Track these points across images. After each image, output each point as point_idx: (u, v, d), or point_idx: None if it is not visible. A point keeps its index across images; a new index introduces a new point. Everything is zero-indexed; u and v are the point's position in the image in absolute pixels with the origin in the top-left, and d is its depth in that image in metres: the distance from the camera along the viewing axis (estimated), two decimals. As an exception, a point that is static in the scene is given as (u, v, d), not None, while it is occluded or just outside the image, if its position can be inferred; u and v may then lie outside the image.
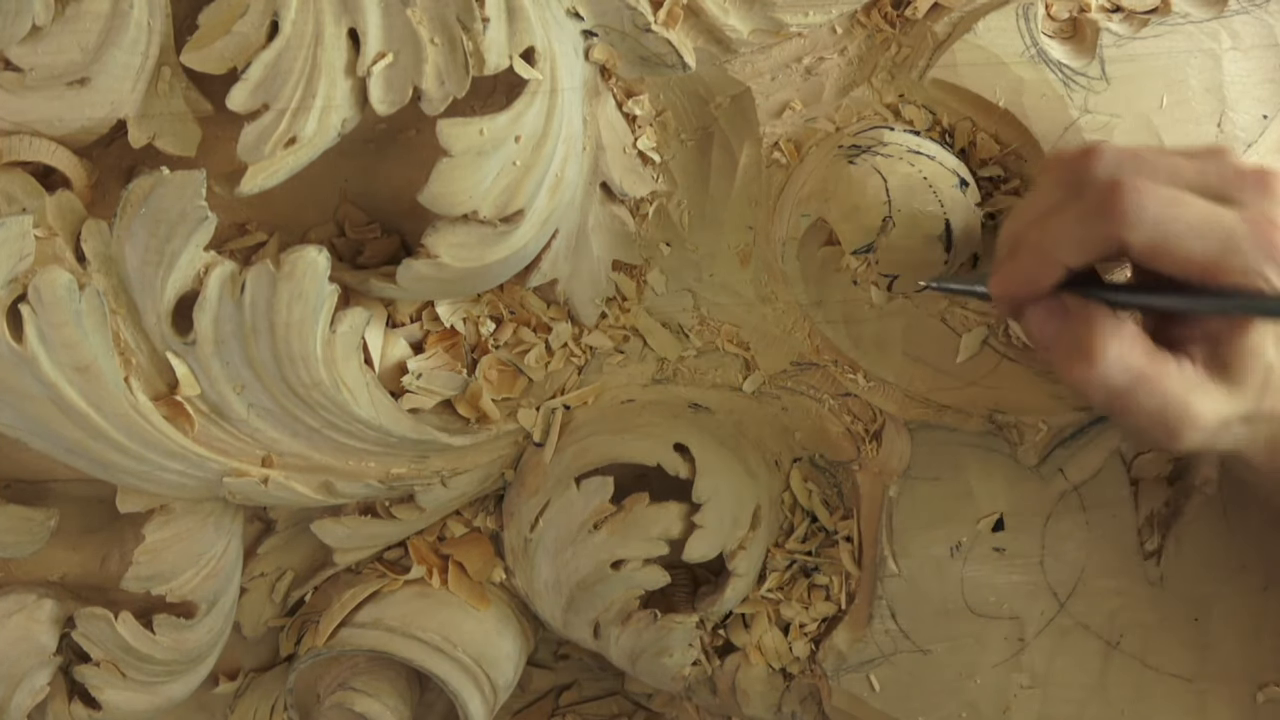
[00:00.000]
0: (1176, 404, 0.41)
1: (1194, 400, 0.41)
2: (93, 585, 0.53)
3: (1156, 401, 0.41)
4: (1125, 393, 0.40)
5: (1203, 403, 0.41)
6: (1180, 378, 0.41)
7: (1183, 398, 0.41)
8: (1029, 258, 0.42)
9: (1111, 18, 0.47)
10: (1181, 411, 0.41)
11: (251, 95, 0.41)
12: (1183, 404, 0.41)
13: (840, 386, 0.54)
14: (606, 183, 0.49)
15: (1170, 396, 0.41)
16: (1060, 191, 0.42)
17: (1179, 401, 0.41)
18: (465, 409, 0.52)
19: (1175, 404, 0.41)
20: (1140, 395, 0.41)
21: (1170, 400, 0.41)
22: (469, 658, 0.55)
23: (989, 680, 0.56)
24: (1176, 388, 0.41)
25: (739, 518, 0.53)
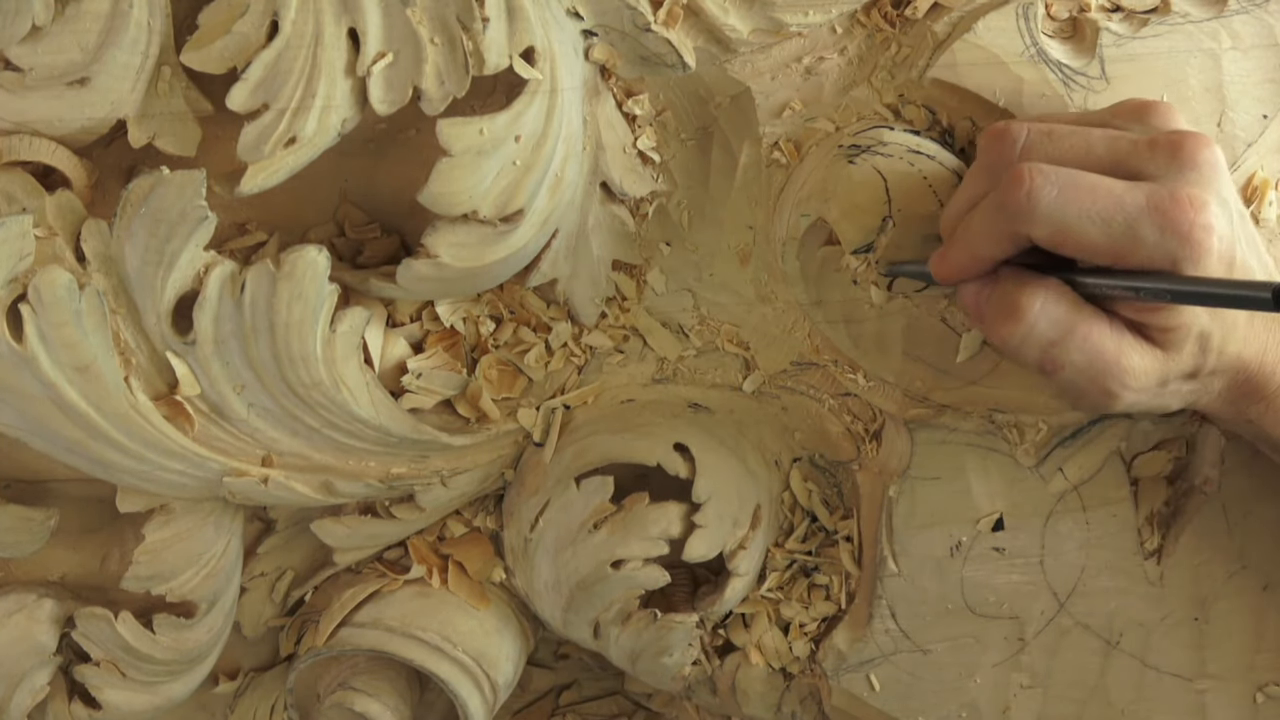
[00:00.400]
0: (1109, 358, 0.40)
1: (1125, 356, 0.40)
2: (93, 585, 0.53)
3: (1087, 356, 0.40)
4: (1054, 345, 0.40)
5: (1134, 359, 0.40)
6: (1111, 334, 0.40)
7: (1114, 352, 0.40)
8: (958, 250, 0.42)
9: (1111, 17, 0.47)
10: (1114, 366, 0.40)
11: (251, 95, 0.41)
12: (1114, 358, 0.40)
13: (840, 386, 0.54)
14: (606, 182, 0.49)
15: (1102, 350, 0.40)
16: (983, 177, 0.42)
17: (1110, 356, 0.40)
18: (465, 409, 0.52)
19: (1107, 358, 0.40)
20: (1070, 349, 0.40)
21: (1102, 354, 0.40)
22: (469, 657, 0.55)
23: (989, 680, 0.56)
24: (1108, 343, 0.40)
25: (739, 517, 0.53)
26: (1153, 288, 0.38)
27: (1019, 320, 0.40)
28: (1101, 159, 0.40)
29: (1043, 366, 0.41)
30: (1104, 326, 0.40)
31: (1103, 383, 0.41)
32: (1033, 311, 0.40)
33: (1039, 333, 0.40)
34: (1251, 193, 0.50)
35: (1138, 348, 0.41)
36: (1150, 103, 0.42)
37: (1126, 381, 0.41)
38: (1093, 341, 0.40)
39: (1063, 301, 0.40)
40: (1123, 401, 0.41)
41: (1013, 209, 0.39)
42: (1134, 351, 0.41)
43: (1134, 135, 0.41)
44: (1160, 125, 0.41)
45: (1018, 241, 0.40)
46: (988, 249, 0.41)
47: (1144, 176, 0.39)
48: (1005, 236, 0.40)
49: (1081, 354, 0.40)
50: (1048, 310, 0.40)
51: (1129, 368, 0.40)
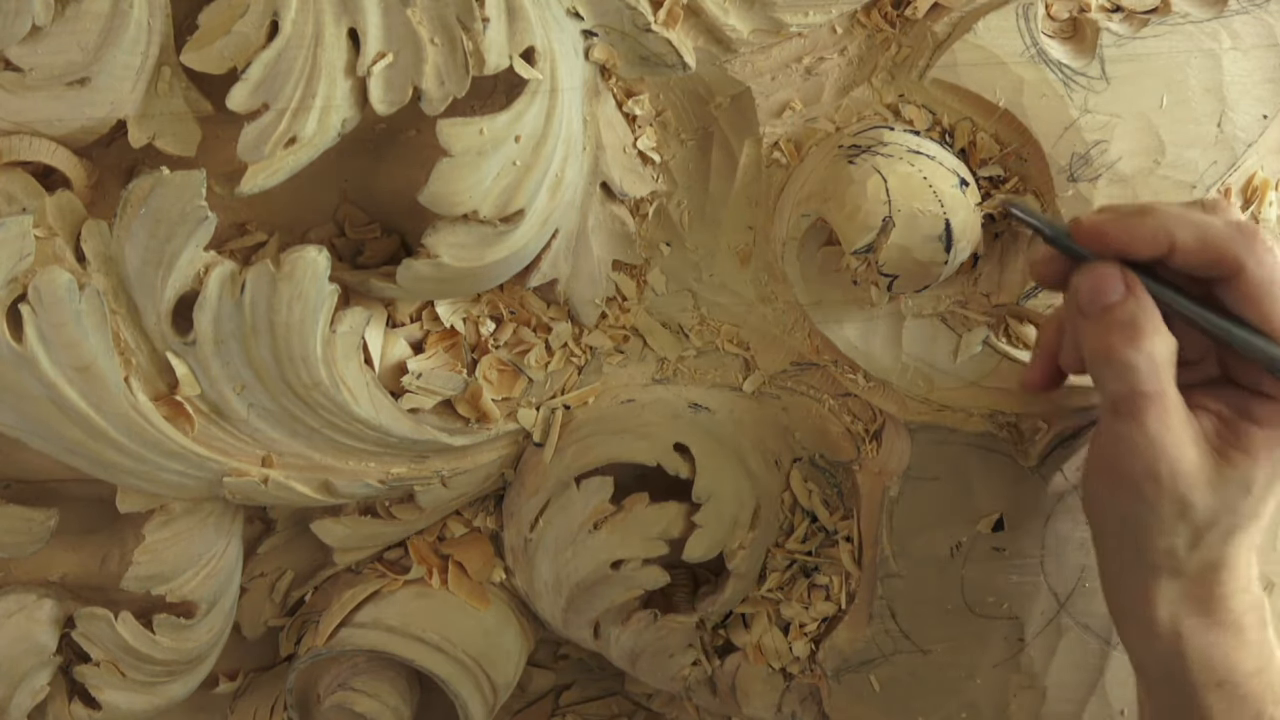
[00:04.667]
0: (1176, 443, 0.40)
1: (1189, 453, 0.40)
2: (93, 585, 0.53)
3: (1161, 427, 0.40)
4: (1144, 397, 0.40)
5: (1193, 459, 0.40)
6: (1189, 425, 0.41)
7: (1183, 441, 0.40)
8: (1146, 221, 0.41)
9: (1111, 17, 0.47)
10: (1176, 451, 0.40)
11: (251, 95, 0.41)
12: (1180, 446, 0.40)
13: (840, 386, 0.54)
14: (606, 183, 0.49)
15: (1174, 431, 0.40)
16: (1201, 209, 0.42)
17: (1179, 442, 0.40)
18: (465, 409, 0.52)
19: (1175, 442, 0.40)
20: (1152, 411, 0.40)
21: (1173, 435, 0.40)
22: (469, 657, 0.55)
23: (989, 680, 0.56)
24: (1183, 429, 0.40)
25: (739, 517, 0.53)
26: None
27: (1136, 345, 0.40)
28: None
29: (1119, 405, 0.41)
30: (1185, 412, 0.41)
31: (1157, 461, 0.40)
32: (1149, 348, 0.40)
33: (1140, 373, 0.40)
34: (1251, 193, 0.50)
35: (1201, 448, 0.41)
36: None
37: (1175, 474, 0.40)
38: (1174, 418, 0.40)
39: (1171, 365, 0.40)
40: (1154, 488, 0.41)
41: (1249, 241, 0.39)
42: (1196, 450, 0.41)
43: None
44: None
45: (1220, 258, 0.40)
46: (1187, 235, 0.40)
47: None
48: (1219, 245, 0.40)
49: (1158, 422, 0.40)
50: (1159, 361, 0.40)
51: (1184, 465, 0.40)
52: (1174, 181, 0.48)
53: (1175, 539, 0.42)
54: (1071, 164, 0.47)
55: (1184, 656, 0.43)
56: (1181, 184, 0.48)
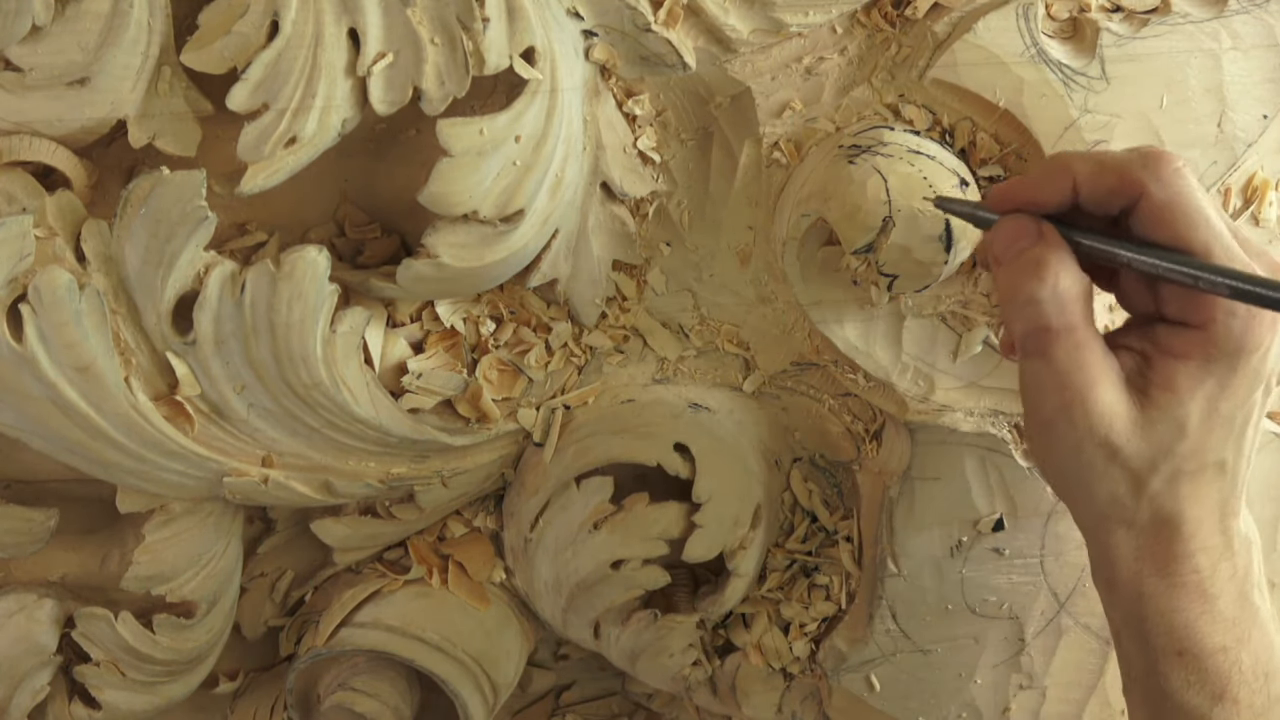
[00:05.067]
0: (1087, 377, 0.39)
1: (1102, 387, 0.39)
2: (93, 585, 0.53)
3: (1070, 362, 0.39)
4: (1048, 332, 0.39)
5: (1108, 395, 0.39)
6: (1103, 359, 0.39)
7: (1095, 376, 0.39)
8: (1047, 169, 0.41)
9: (1111, 17, 0.47)
10: (1086, 387, 0.39)
11: (252, 95, 0.41)
12: (1092, 381, 0.39)
13: (840, 386, 0.54)
14: (607, 183, 0.49)
15: (1085, 365, 0.39)
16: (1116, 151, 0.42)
17: (1090, 376, 0.39)
18: (465, 409, 0.52)
19: (1086, 376, 0.39)
20: (1060, 345, 0.39)
21: (1083, 369, 0.39)
22: (469, 657, 0.55)
23: (989, 680, 0.56)
24: (1095, 362, 0.39)
25: (739, 517, 0.53)
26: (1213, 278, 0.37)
27: (1038, 280, 0.39)
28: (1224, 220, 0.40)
29: (1026, 343, 0.40)
30: (1100, 348, 0.39)
31: (1067, 396, 0.39)
32: (1052, 282, 0.39)
33: (1045, 308, 0.39)
34: (1251, 193, 0.50)
35: (1118, 388, 0.40)
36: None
37: (1089, 411, 0.39)
38: (1084, 351, 0.39)
39: (1081, 300, 0.39)
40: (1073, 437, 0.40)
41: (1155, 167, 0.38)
42: (1112, 389, 0.39)
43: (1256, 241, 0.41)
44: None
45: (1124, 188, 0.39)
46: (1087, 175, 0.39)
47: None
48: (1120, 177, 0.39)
49: (1067, 356, 0.39)
50: (1064, 295, 0.39)
51: (1098, 400, 0.39)
52: (1174, 181, 0.48)
53: (1115, 486, 0.41)
54: (1071, 164, 0.47)
55: (1144, 619, 0.42)
56: (1181, 184, 0.48)
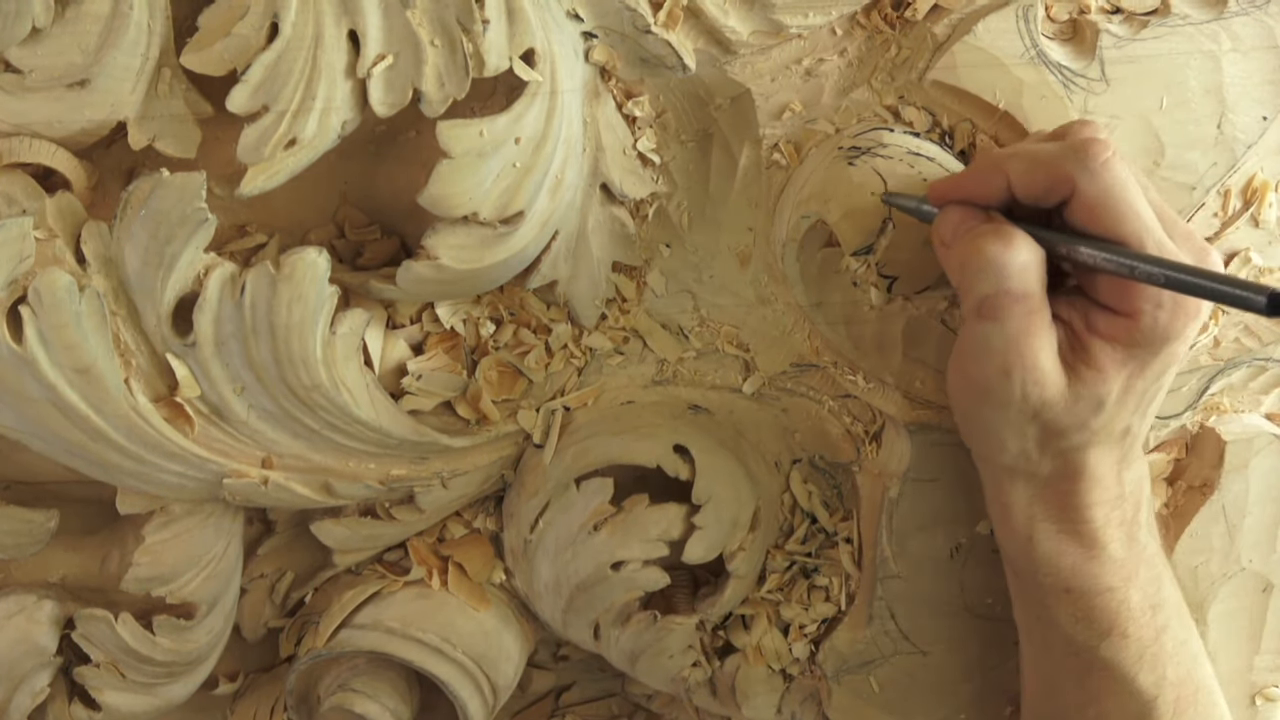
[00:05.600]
0: (1035, 342, 0.41)
1: (1045, 354, 0.41)
2: (93, 586, 0.53)
3: (1021, 329, 0.40)
4: (1008, 295, 0.40)
5: (1047, 364, 0.41)
6: (1049, 332, 0.41)
7: (1039, 346, 0.41)
8: (982, 168, 0.42)
9: (1111, 19, 0.47)
10: (1034, 353, 0.41)
11: (251, 97, 0.41)
12: (1039, 347, 0.41)
13: (840, 388, 0.54)
14: (606, 184, 0.49)
15: (1035, 332, 0.41)
16: (1042, 139, 0.43)
17: (1038, 342, 0.41)
18: (465, 410, 0.52)
19: (1035, 341, 0.41)
20: (1015, 311, 0.40)
21: (1034, 336, 0.41)
22: (469, 659, 0.55)
23: (989, 681, 0.56)
24: (1043, 332, 0.41)
25: (738, 519, 0.53)
26: (1148, 269, 0.38)
27: (1008, 247, 0.40)
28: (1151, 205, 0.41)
29: (982, 305, 0.41)
30: (1048, 319, 0.41)
31: (1011, 360, 0.41)
32: (1018, 249, 0.40)
33: (1009, 272, 0.40)
34: (1251, 194, 0.50)
35: (1056, 361, 0.41)
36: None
37: (1027, 377, 0.41)
38: (1036, 318, 0.41)
39: (1040, 271, 0.41)
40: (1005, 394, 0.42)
41: (1084, 158, 0.39)
42: (1051, 359, 0.41)
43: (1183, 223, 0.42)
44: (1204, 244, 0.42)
45: (1055, 184, 0.40)
46: (1020, 174, 0.41)
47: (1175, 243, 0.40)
48: (1051, 173, 0.40)
49: (1020, 321, 0.40)
50: (1029, 265, 0.40)
51: (1041, 365, 0.41)
52: (1174, 183, 0.48)
53: (1026, 442, 0.43)
54: (1071, 165, 0.47)
55: (1033, 559, 0.45)
56: (1181, 185, 0.48)
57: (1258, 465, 0.53)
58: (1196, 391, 0.53)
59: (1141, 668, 0.45)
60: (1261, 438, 0.52)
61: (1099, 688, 0.46)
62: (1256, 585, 0.54)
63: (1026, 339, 0.41)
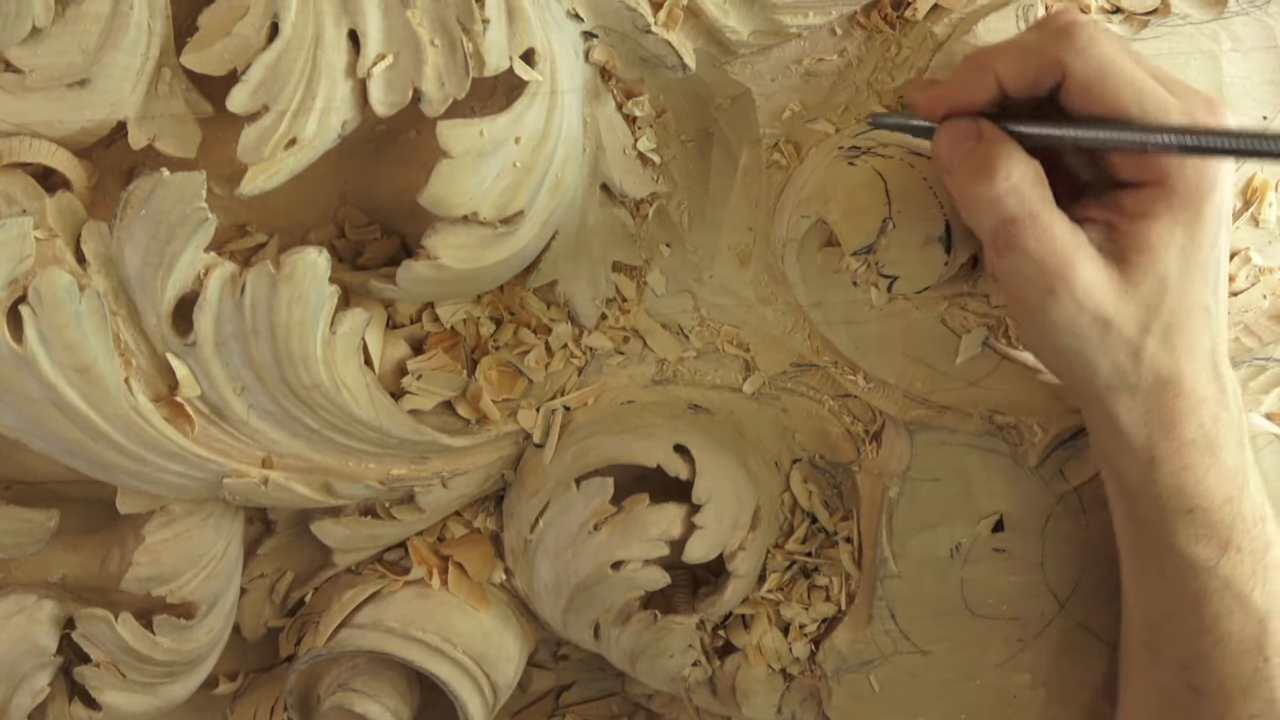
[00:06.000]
0: (1063, 256, 0.39)
1: (1081, 264, 0.39)
2: (93, 586, 0.53)
3: (1043, 246, 0.39)
4: (1013, 224, 0.39)
5: (1087, 270, 0.39)
6: (1072, 237, 0.40)
7: (1070, 254, 0.39)
8: (968, 70, 0.41)
9: (1111, 19, 0.46)
10: (1066, 267, 0.39)
11: (251, 97, 0.41)
12: (1069, 260, 0.39)
13: (840, 388, 0.54)
14: (607, 184, 0.49)
15: (1058, 246, 0.39)
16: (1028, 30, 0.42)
17: (1066, 256, 0.39)
18: (465, 410, 0.52)
19: (1062, 256, 0.39)
20: (1028, 234, 0.39)
21: (1057, 250, 0.39)
22: (469, 658, 0.55)
23: (989, 681, 0.56)
24: (1066, 241, 0.39)
25: (739, 519, 0.53)
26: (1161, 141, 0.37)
27: (990, 180, 0.39)
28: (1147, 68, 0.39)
29: (996, 240, 0.40)
30: (1067, 226, 0.40)
31: (1049, 280, 0.39)
32: (1005, 177, 0.39)
33: (1004, 201, 0.39)
34: (1251, 194, 0.50)
35: (1096, 260, 0.40)
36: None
37: (1073, 288, 0.39)
38: (1053, 234, 0.39)
39: (1038, 186, 0.40)
40: (1060, 308, 0.40)
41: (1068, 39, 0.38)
42: (1090, 263, 0.40)
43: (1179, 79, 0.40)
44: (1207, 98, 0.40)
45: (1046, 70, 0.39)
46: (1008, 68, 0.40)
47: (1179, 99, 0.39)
48: (1039, 60, 0.39)
49: (1037, 243, 0.39)
50: (1020, 186, 0.39)
51: (1079, 277, 0.39)
52: (1174, 183, 0.48)
53: (1115, 354, 0.41)
54: (1071, 165, 0.47)
55: (1156, 483, 0.43)
56: (1181, 185, 0.48)
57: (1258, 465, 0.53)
58: (1196, 391, 0.53)
59: (1256, 582, 0.43)
60: (1261, 437, 0.52)
61: (1217, 610, 0.44)
62: (1256, 585, 0.55)
63: (1053, 256, 0.39)
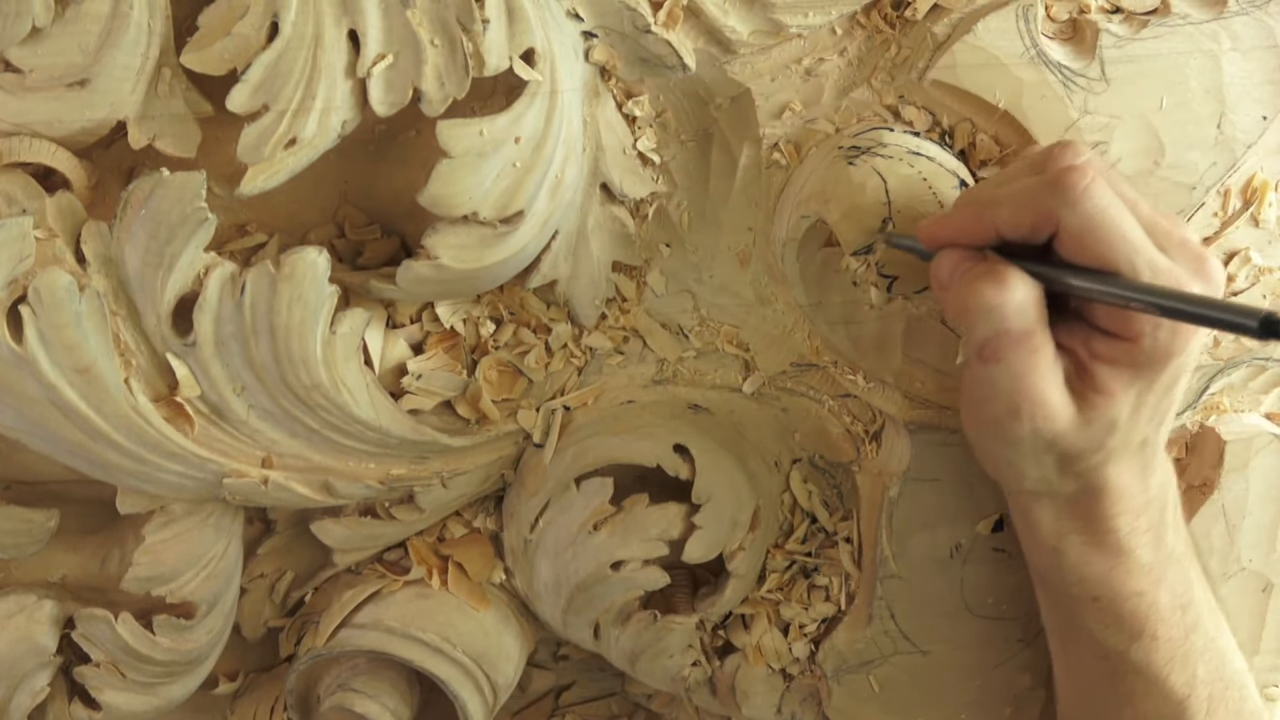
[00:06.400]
0: (1038, 384, 0.40)
1: (1051, 389, 0.41)
2: (93, 586, 0.53)
3: (1026, 368, 0.40)
4: (1007, 336, 0.40)
5: (1055, 396, 0.41)
6: (1054, 366, 0.41)
7: (1046, 384, 0.41)
8: (966, 211, 0.42)
9: (1111, 19, 0.47)
10: (1037, 390, 0.40)
11: (251, 96, 0.41)
12: (1043, 388, 0.41)
13: (840, 387, 0.54)
14: (606, 184, 0.49)
15: (1040, 372, 0.40)
16: (1025, 169, 0.42)
17: (1044, 381, 0.41)
18: (465, 410, 0.52)
19: (1038, 383, 0.40)
20: (1017, 351, 0.40)
21: (1038, 376, 0.40)
22: (469, 658, 0.55)
23: (989, 681, 0.56)
24: (1048, 370, 0.41)
25: (738, 519, 0.53)
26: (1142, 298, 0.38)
27: (999, 288, 0.39)
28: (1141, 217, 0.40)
29: (984, 348, 0.41)
30: (1053, 354, 0.41)
31: (1018, 401, 0.41)
32: (1014, 289, 0.39)
33: (1005, 313, 0.40)
34: (1251, 194, 0.50)
35: (1064, 393, 0.41)
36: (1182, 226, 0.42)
37: (1036, 415, 0.41)
38: (1039, 356, 0.40)
39: (1039, 307, 0.40)
40: (1015, 433, 0.42)
41: (1062, 191, 0.39)
42: (1060, 393, 0.41)
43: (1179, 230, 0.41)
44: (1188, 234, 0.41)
45: (1041, 221, 0.40)
46: (1005, 216, 0.40)
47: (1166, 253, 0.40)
48: (1034, 210, 0.40)
49: (1023, 363, 0.40)
50: (1025, 302, 0.40)
51: (1049, 402, 0.41)
52: (1174, 182, 0.48)
53: (1045, 469, 0.43)
54: (1071, 165, 0.47)
55: (1062, 571, 0.45)
56: (1181, 185, 0.48)
57: (1258, 465, 0.53)
58: (1196, 391, 0.53)
59: (1173, 668, 0.45)
60: (1261, 437, 0.52)
61: (1132, 690, 0.46)
62: (1256, 585, 0.54)
63: (1031, 377, 0.40)
